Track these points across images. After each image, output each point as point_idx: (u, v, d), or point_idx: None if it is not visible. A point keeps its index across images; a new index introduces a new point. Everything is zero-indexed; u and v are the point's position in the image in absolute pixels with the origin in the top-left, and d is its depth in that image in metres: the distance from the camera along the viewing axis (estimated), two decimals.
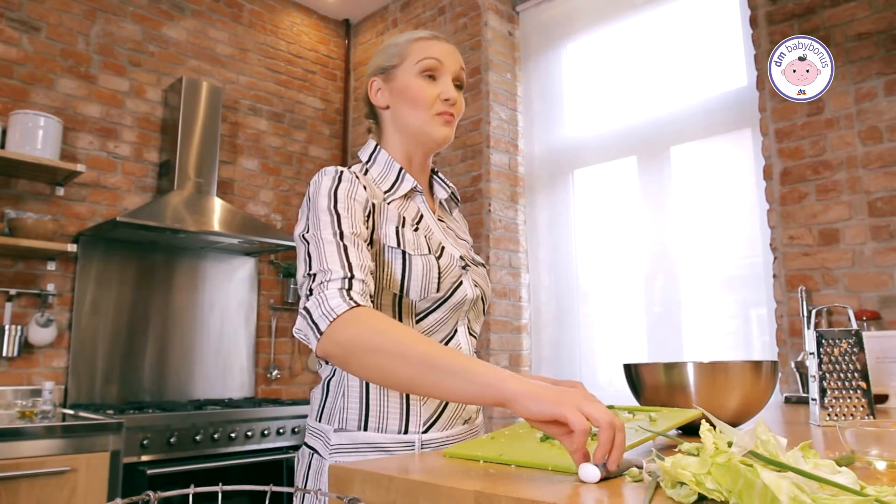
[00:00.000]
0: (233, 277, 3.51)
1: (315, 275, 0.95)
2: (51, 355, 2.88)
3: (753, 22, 2.57)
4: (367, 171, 1.19)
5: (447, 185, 1.27)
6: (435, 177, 1.28)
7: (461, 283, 1.13)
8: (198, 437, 2.58)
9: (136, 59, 3.32)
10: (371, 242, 1.06)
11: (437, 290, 1.08)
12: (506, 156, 3.42)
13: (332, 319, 0.87)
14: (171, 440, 2.51)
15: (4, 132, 2.71)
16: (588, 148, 3.22)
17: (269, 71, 3.89)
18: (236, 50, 3.74)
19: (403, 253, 1.07)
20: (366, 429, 1.05)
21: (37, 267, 2.89)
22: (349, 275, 0.93)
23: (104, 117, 3.18)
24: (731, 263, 2.68)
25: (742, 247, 2.64)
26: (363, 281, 0.94)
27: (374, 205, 1.08)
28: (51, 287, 2.90)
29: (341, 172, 1.07)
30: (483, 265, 1.26)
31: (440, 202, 1.27)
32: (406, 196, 1.18)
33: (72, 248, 2.77)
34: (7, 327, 2.70)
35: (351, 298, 0.90)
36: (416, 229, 1.12)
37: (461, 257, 1.17)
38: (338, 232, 0.98)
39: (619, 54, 3.18)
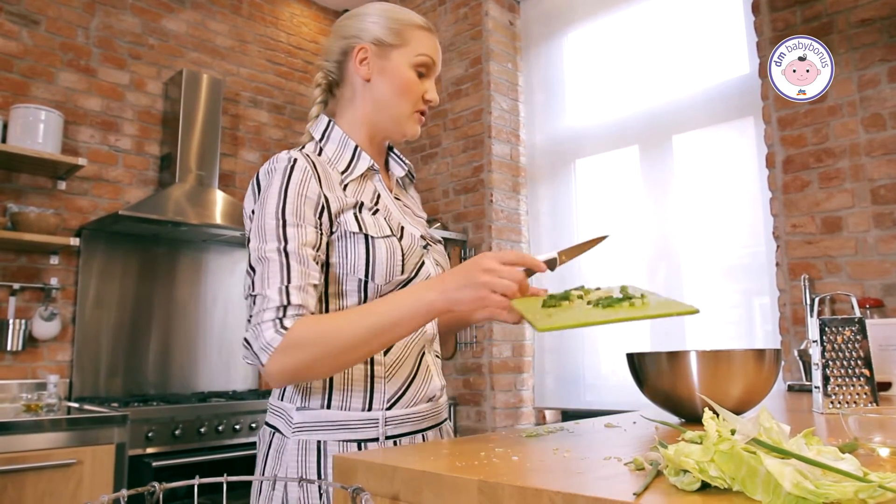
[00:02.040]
0: (235, 270, 3.51)
1: (255, 297, 0.96)
2: (55, 349, 2.89)
3: (756, 9, 2.55)
4: (321, 150, 1.14)
5: (404, 162, 1.25)
6: (391, 153, 1.25)
7: (423, 262, 1.12)
8: (202, 430, 2.60)
9: (136, 51, 3.31)
10: (321, 237, 1.04)
11: (402, 273, 1.07)
12: (507, 146, 3.42)
13: (270, 353, 0.92)
14: (176, 432, 2.52)
15: (5, 126, 2.71)
16: (590, 137, 3.21)
17: (270, 63, 3.88)
18: (236, 42, 3.73)
19: (366, 237, 1.05)
20: (329, 407, 1.05)
21: (40, 261, 2.89)
22: (285, 303, 0.94)
23: (105, 111, 3.18)
24: (733, 252, 2.68)
25: (744, 235, 2.64)
26: (299, 305, 0.95)
27: (327, 198, 1.04)
28: (54, 281, 2.91)
29: (294, 162, 1.03)
30: (440, 242, 1.24)
31: (397, 180, 1.24)
32: (363, 176, 1.14)
33: (74, 241, 2.78)
34: (11, 321, 2.71)
35: (282, 327, 0.93)
36: (376, 212, 1.10)
37: (422, 236, 1.16)
38: (282, 247, 0.97)
39: (621, 43, 3.16)
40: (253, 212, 1.02)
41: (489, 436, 1.00)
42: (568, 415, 3.19)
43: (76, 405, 2.65)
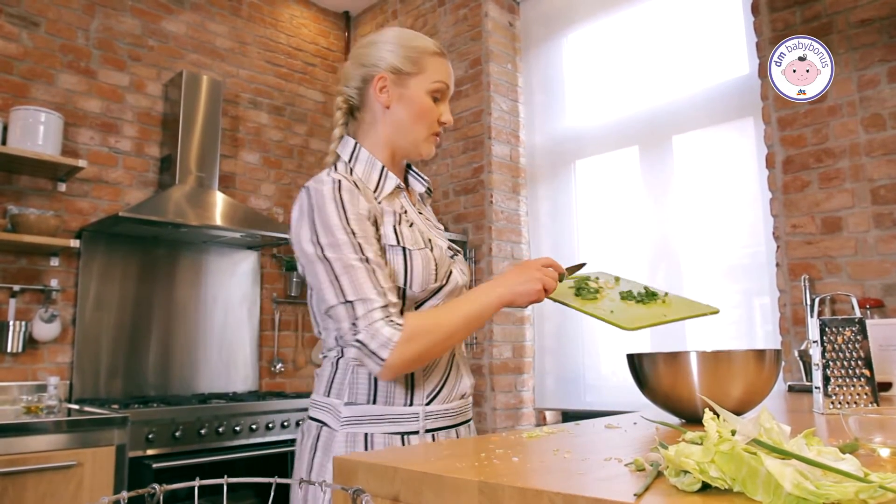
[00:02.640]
0: (235, 271, 3.51)
1: (353, 303, 1.05)
2: (55, 351, 2.89)
3: (755, 9, 2.56)
4: (351, 170, 1.21)
5: (423, 178, 1.35)
6: (410, 171, 1.35)
7: (451, 271, 1.22)
8: (203, 431, 2.60)
9: (136, 53, 3.32)
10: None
11: (436, 281, 1.17)
12: (507, 147, 3.42)
13: (392, 348, 1.04)
14: (177, 434, 2.52)
15: (5, 128, 2.71)
16: (589, 138, 3.21)
17: (269, 64, 3.88)
18: (236, 43, 3.73)
19: (404, 249, 1.14)
20: (375, 402, 1.14)
21: (40, 263, 2.89)
22: (386, 301, 1.06)
23: (105, 112, 3.18)
24: (733, 253, 2.68)
25: (745, 236, 2.64)
26: (396, 303, 1.08)
27: (373, 213, 1.14)
28: (54, 283, 2.91)
29: (339, 183, 1.11)
30: (460, 251, 1.33)
31: (418, 195, 1.35)
32: (391, 193, 1.22)
33: (74, 243, 2.78)
34: (11, 323, 2.71)
35: (397, 323, 1.05)
36: (411, 224, 1.20)
37: (449, 247, 1.26)
38: (363, 256, 1.08)
39: (621, 43, 3.16)
40: (315, 230, 1.09)
41: (489, 437, 1.00)
42: (568, 415, 3.19)
43: (76, 407, 2.65)
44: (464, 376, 1.25)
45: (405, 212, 1.22)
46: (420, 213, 1.28)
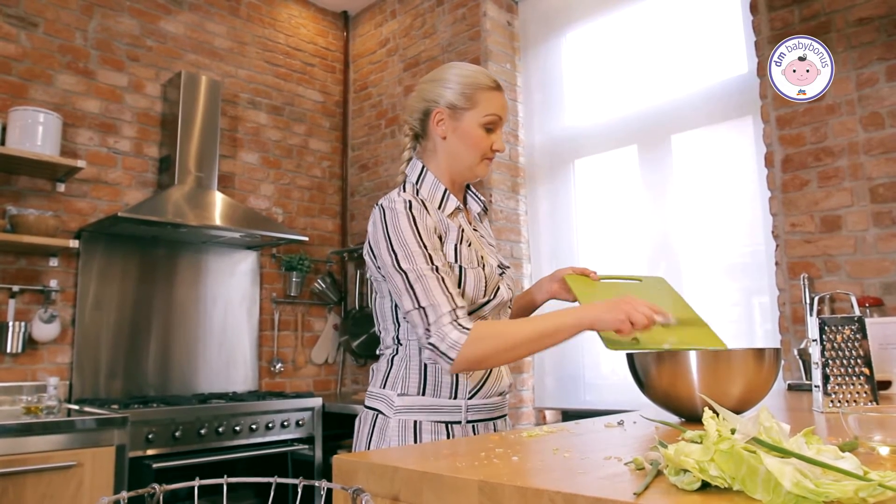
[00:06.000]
0: (235, 271, 3.51)
1: (425, 309, 1.18)
2: (55, 351, 2.89)
3: (754, 8, 2.55)
4: (417, 191, 1.36)
5: (479, 198, 1.49)
6: (468, 191, 1.48)
7: (499, 287, 1.35)
8: (202, 431, 2.59)
9: (135, 53, 3.31)
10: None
11: (484, 296, 1.30)
12: (506, 146, 3.41)
13: (458, 349, 1.15)
14: (176, 434, 2.52)
15: (4, 129, 2.71)
16: (588, 137, 3.21)
17: (268, 64, 3.88)
18: (234, 43, 3.73)
19: (461, 268, 1.28)
20: (424, 394, 1.28)
21: (39, 263, 2.89)
22: (454, 306, 1.18)
23: (103, 113, 3.18)
24: (733, 251, 2.68)
25: (744, 235, 2.64)
26: (462, 307, 1.19)
27: (437, 230, 1.28)
28: (53, 283, 2.90)
29: (410, 203, 1.25)
30: (509, 267, 1.46)
31: (475, 214, 1.47)
32: (451, 214, 1.35)
33: (74, 244, 2.78)
34: (11, 324, 2.71)
35: (463, 327, 1.16)
36: (469, 244, 1.32)
37: (499, 265, 1.39)
38: (433, 266, 1.21)
39: (619, 43, 3.16)
40: (391, 244, 1.22)
41: (489, 436, 1.00)
42: (568, 415, 3.19)
43: (76, 407, 2.64)
44: (504, 377, 1.38)
45: (463, 230, 1.35)
46: (475, 231, 1.42)
